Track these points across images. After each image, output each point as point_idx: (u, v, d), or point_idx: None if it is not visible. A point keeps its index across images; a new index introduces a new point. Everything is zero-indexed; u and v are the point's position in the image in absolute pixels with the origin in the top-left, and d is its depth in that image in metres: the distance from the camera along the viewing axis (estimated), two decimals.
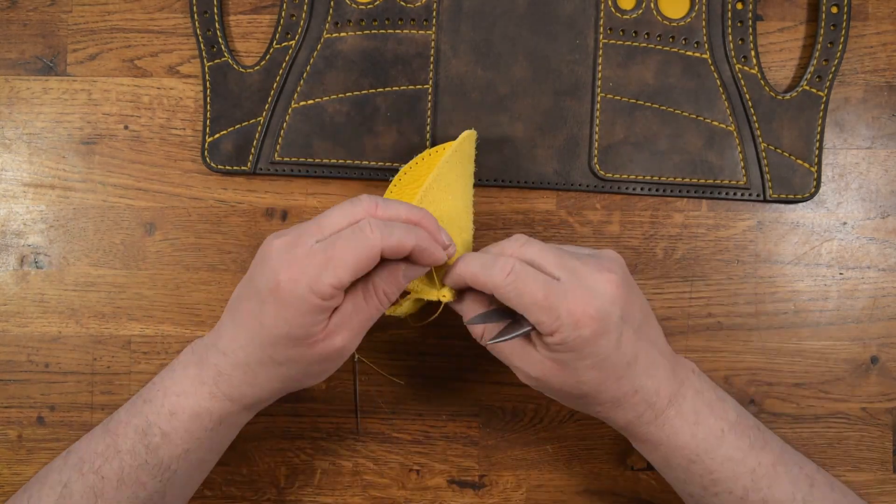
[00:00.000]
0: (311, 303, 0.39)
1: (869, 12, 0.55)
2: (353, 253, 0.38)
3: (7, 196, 0.55)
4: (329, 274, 0.38)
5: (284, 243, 0.40)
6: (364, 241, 0.39)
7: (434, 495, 0.55)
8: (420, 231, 0.41)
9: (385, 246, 0.39)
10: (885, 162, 0.55)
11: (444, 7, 0.54)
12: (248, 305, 0.41)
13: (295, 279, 0.38)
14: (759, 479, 0.42)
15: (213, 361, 0.42)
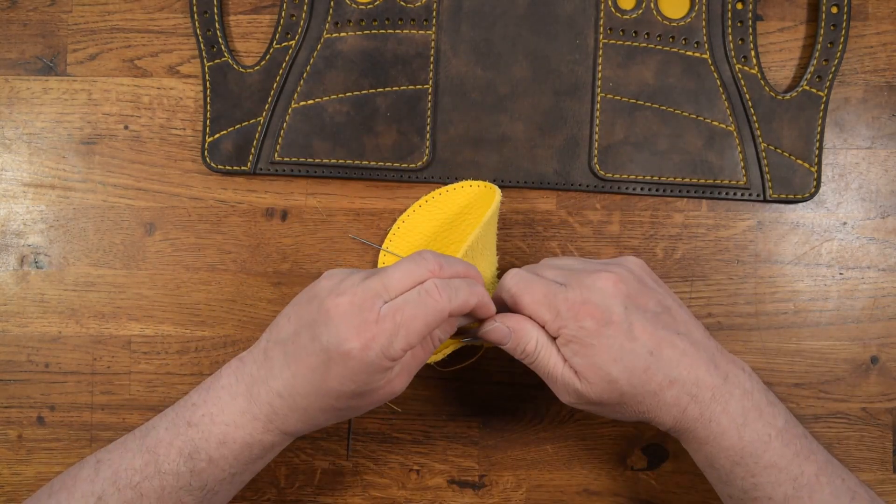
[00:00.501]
0: (382, 366, 0.39)
1: (869, 12, 0.55)
2: (423, 318, 0.39)
3: (7, 196, 0.55)
4: (400, 340, 0.39)
5: (351, 304, 0.39)
6: (433, 307, 0.39)
7: (434, 495, 0.55)
8: (478, 288, 0.42)
9: (453, 308, 0.40)
10: (885, 162, 0.55)
11: (444, 7, 0.54)
12: (309, 360, 0.40)
13: (366, 347, 0.39)
14: (800, 489, 0.42)
15: (266, 400, 0.42)
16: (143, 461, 0.42)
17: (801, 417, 0.54)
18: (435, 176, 0.54)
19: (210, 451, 0.41)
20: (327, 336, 0.39)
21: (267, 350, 0.42)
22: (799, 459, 0.42)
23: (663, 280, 0.54)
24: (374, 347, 0.39)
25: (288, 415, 0.42)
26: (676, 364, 0.42)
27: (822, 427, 0.54)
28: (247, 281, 0.55)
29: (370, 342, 0.39)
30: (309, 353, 0.40)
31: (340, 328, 0.39)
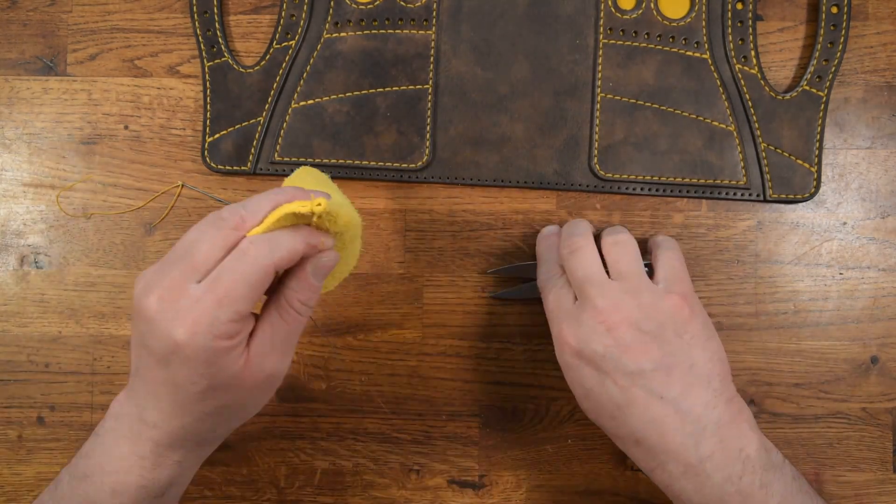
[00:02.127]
0: (217, 347, 0.35)
1: (869, 12, 0.55)
2: (245, 282, 0.35)
3: (7, 196, 0.55)
4: (225, 311, 0.35)
5: (162, 298, 0.36)
6: (252, 265, 0.35)
7: (434, 495, 0.55)
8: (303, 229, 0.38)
9: (276, 261, 0.36)
10: (885, 162, 0.55)
11: (444, 7, 0.54)
12: (154, 372, 0.37)
13: (192, 331, 0.35)
14: None
15: (145, 436, 0.39)
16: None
17: (801, 417, 0.54)
18: (435, 176, 0.54)
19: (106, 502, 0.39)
20: (153, 341, 0.36)
21: (131, 385, 0.40)
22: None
23: None
24: (199, 330, 0.35)
25: (170, 443, 0.39)
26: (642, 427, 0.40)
27: (822, 427, 0.54)
28: None
29: (194, 326, 0.35)
30: (149, 367, 0.37)
31: (160, 326, 0.35)
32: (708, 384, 0.41)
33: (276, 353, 0.39)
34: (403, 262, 0.55)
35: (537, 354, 0.55)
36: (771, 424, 0.54)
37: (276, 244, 0.36)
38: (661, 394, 0.40)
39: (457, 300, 0.55)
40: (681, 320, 0.41)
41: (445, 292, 0.55)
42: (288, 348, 0.39)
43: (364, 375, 0.55)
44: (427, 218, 0.55)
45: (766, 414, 0.54)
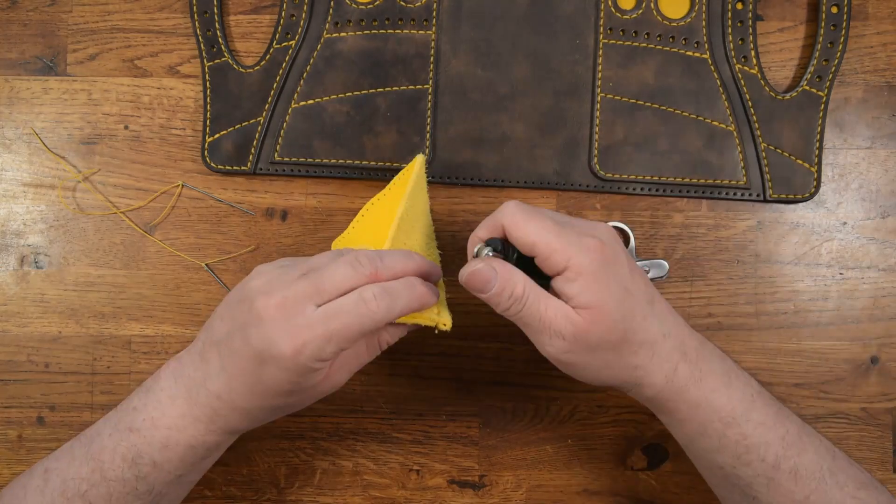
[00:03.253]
0: (315, 367, 0.39)
1: (869, 12, 0.55)
2: (358, 327, 0.38)
3: (7, 196, 0.55)
4: (332, 345, 0.38)
5: (280, 307, 0.38)
6: (370, 317, 0.39)
7: (434, 495, 0.55)
8: (420, 288, 0.41)
9: (391, 318, 0.40)
10: (885, 162, 0.55)
11: (444, 7, 0.54)
12: (242, 363, 0.40)
13: (298, 351, 0.38)
14: (788, 447, 0.42)
15: (206, 402, 0.41)
16: (89, 469, 0.42)
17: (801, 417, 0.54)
18: (435, 176, 0.54)
19: (154, 456, 0.41)
20: (258, 339, 0.38)
21: (203, 352, 0.42)
22: (781, 418, 0.42)
23: (664, 281, 0.54)
24: (306, 352, 0.38)
25: (229, 415, 0.41)
26: (667, 319, 0.42)
27: (822, 427, 0.54)
28: None
29: (301, 347, 0.38)
30: (242, 355, 0.39)
31: (271, 331, 0.38)
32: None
33: (346, 372, 0.43)
34: None
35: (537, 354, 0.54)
36: None
37: (394, 303, 0.39)
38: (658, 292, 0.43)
39: (457, 300, 0.55)
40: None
41: (446, 292, 0.54)
42: (355, 369, 0.43)
43: (364, 375, 0.55)
44: None
45: None
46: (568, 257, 0.39)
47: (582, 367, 0.41)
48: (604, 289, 0.39)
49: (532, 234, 0.40)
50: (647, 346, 0.41)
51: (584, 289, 0.39)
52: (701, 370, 0.42)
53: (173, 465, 0.42)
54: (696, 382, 0.42)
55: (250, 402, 0.41)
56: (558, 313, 0.40)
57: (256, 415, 0.42)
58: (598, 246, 0.40)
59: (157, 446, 0.41)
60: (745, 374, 0.44)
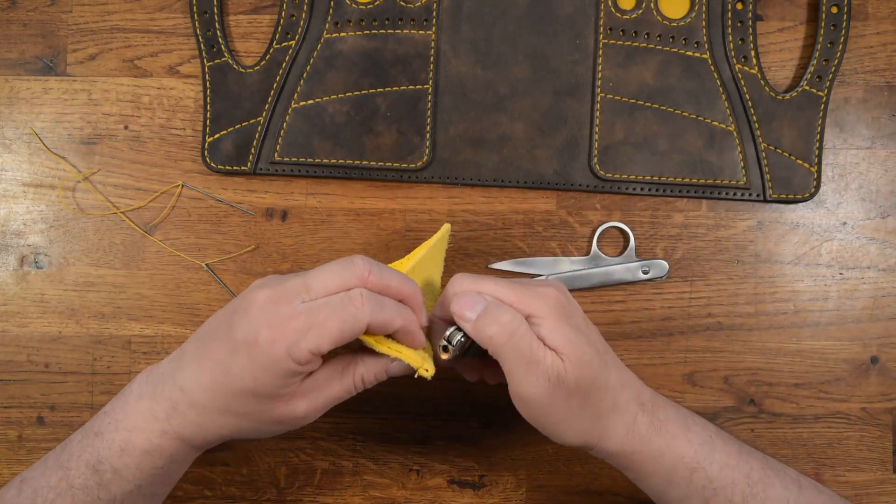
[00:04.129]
0: (286, 366, 0.38)
1: (869, 12, 0.55)
2: (338, 324, 0.37)
3: (7, 196, 0.55)
4: (309, 340, 0.37)
5: (269, 298, 0.38)
6: (352, 314, 0.38)
7: (434, 495, 0.55)
8: (408, 312, 0.40)
9: (372, 322, 0.38)
10: (885, 162, 0.55)
11: (444, 7, 0.54)
12: (218, 349, 0.39)
13: (274, 339, 0.37)
14: (754, 485, 0.42)
15: (168, 395, 0.40)
16: (57, 477, 0.41)
17: (801, 417, 0.54)
18: (435, 176, 0.54)
19: (113, 461, 0.40)
20: (240, 325, 0.38)
21: (184, 346, 0.42)
22: (744, 456, 0.43)
23: (663, 280, 0.54)
24: (281, 342, 0.37)
25: (185, 412, 0.40)
26: (622, 370, 0.42)
27: (822, 427, 0.54)
28: (247, 281, 0.55)
29: (278, 336, 0.37)
30: (220, 342, 0.39)
31: (254, 318, 0.38)
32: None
33: (314, 402, 0.41)
34: None
35: None
36: (771, 424, 0.54)
37: (381, 309, 0.38)
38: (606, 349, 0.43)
39: None
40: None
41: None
42: (325, 406, 0.41)
43: None
44: (427, 218, 0.55)
45: (766, 414, 0.54)
46: (527, 304, 0.40)
47: (555, 417, 0.40)
48: (570, 330, 0.40)
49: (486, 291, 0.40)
50: (610, 394, 0.41)
51: (552, 330, 0.39)
52: (659, 419, 0.42)
53: (132, 473, 0.41)
54: (656, 431, 0.42)
55: (209, 398, 0.39)
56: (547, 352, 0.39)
57: (213, 417, 0.40)
58: (554, 294, 0.41)
59: (116, 451, 0.40)
60: (699, 417, 0.44)
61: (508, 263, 0.54)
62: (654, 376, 0.54)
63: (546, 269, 0.54)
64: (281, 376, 0.38)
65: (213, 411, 0.40)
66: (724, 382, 0.54)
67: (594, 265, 0.54)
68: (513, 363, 0.39)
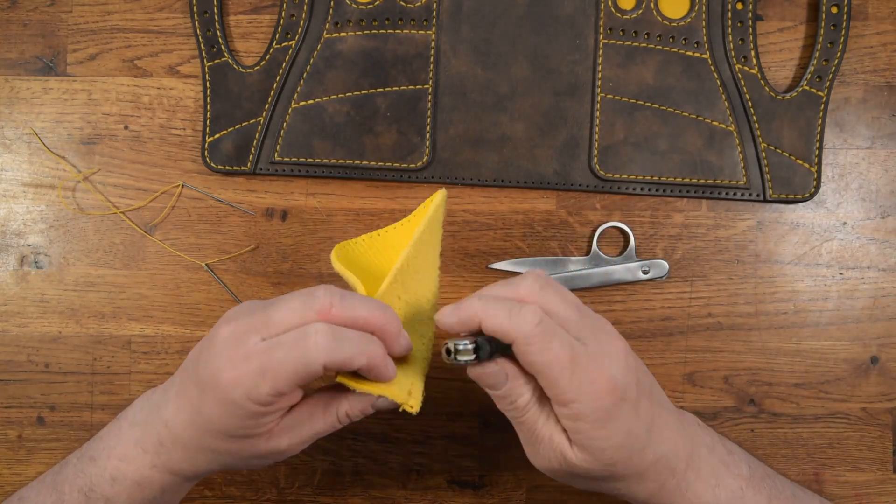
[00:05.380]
0: (249, 409, 0.36)
1: (869, 12, 0.55)
2: (291, 365, 0.34)
3: (7, 196, 0.55)
4: (266, 385, 0.35)
5: (230, 334, 0.36)
6: (304, 355, 0.34)
7: (434, 495, 0.55)
8: (374, 346, 0.36)
9: (329, 362, 0.35)
10: (885, 162, 0.55)
11: (444, 7, 0.54)
12: (190, 388, 0.38)
13: (233, 383, 0.35)
14: None
15: (155, 429, 0.39)
16: (51, 500, 0.40)
17: (801, 417, 0.54)
18: (435, 176, 0.54)
19: (104, 490, 0.40)
20: (204, 365, 0.36)
21: (173, 378, 0.41)
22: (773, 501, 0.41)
23: (663, 280, 0.54)
24: (239, 386, 0.35)
25: (171, 448, 0.39)
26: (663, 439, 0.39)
27: (822, 427, 0.54)
28: (247, 281, 0.55)
29: (237, 379, 0.35)
30: (191, 380, 0.38)
31: (215, 358, 0.36)
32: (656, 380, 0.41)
33: (297, 437, 0.39)
34: None
35: None
36: (771, 424, 0.54)
37: (339, 346, 0.35)
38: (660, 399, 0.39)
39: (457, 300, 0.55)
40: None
41: (445, 292, 0.55)
42: (308, 440, 0.40)
43: None
44: None
45: (766, 414, 0.54)
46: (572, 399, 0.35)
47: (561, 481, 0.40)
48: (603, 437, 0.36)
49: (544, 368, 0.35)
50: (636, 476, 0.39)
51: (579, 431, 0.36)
52: (688, 480, 0.39)
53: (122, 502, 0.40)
54: (681, 493, 0.39)
55: (190, 436, 0.38)
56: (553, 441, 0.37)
57: (195, 455, 0.39)
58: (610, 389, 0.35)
59: (107, 479, 0.40)
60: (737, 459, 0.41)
61: (508, 263, 0.54)
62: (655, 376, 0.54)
63: (546, 269, 0.54)
64: (248, 418, 0.36)
65: (194, 449, 0.39)
66: (724, 382, 0.54)
67: (594, 265, 0.54)
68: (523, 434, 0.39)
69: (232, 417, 0.36)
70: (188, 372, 0.39)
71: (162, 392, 0.41)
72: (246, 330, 0.36)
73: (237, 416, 0.36)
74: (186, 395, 0.38)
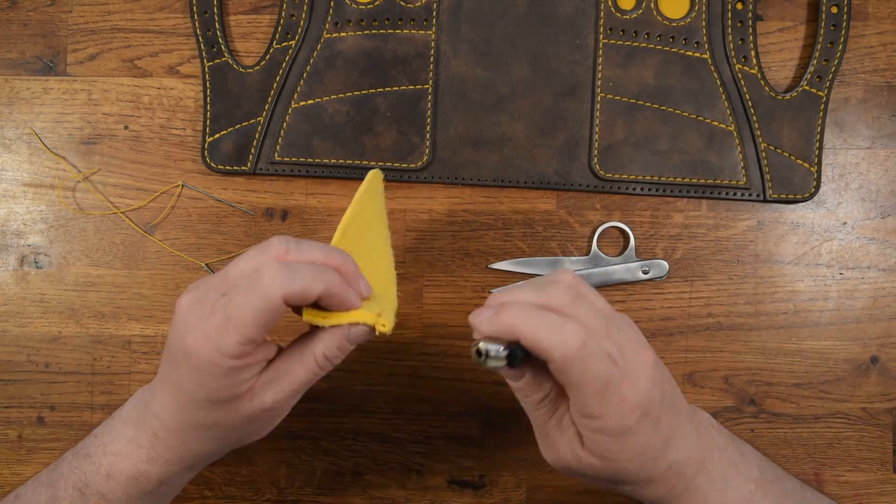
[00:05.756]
0: (223, 365, 0.35)
1: (869, 12, 0.55)
2: (251, 305, 0.34)
3: (7, 196, 0.55)
4: (231, 332, 0.34)
5: (191, 301, 0.36)
6: (262, 291, 0.34)
7: (434, 495, 0.55)
8: (330, 274, 0.36)
9: (287, 293, 0.34)
10: (885, 162, 0.55)
11: (444, 7, 0.54)
12: (167, 367, 0.38)
13: (200, 342, 0.35)
14: None
15: (148, 424, 0.39)
16: (46, 497, 0.40)
17: (801, 417, 0.54)
18: (435, 176, 0.54)
19: (99, 485, 0.39)
20: (172, 338, 0.37)
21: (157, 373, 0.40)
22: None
23: (663, 281, 0.54)
24: (207, 343, 0.35)
25: (166, 437, 0.39)
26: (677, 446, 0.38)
27: (822, 427, 0.54)
28: None
29: (202, 338, 0.35)
30: (166, 359, 0.38)
31: (180, 326, 0.36)
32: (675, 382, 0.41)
33: (280, 391, 0.38)
34: (403, 262, 0.55)
35: None
36: (771, 424, 0.54)
37: (294, 277, 0.35)
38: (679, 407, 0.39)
39: (457, 300, 0.55)
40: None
41: (445, 292, 0.55)
42: (293, 392, 0.38)
43: (364, 375, 0.55)
44: (427, 218, 0.55)
45: (766, 414, 0.54)
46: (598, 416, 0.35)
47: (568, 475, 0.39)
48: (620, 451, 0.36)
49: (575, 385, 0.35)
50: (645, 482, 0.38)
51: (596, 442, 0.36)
52: (697, 484, 0.39)
53: (117, 498, 0.40)
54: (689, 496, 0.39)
55: (179, 419, 0.38)
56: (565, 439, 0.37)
57: (188, 437, 0.39)
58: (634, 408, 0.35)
59: (102, 475, 0.40)
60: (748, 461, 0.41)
61: (508, 263, 0.54)
62: None
63: (546, 269, 0.54)
64: (225, 376, 0.36)
65: (187, 431, 0.38)
66: (724, 382, 0.54)
67: (594, 265, 0.54)
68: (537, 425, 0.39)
69: (209, 378, 0.36)
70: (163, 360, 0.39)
71: (150, 388, 0.41)
72: (205, 291, 0.36)
73: (214, 377, 0.36)
74: (166, 377, 0.38)
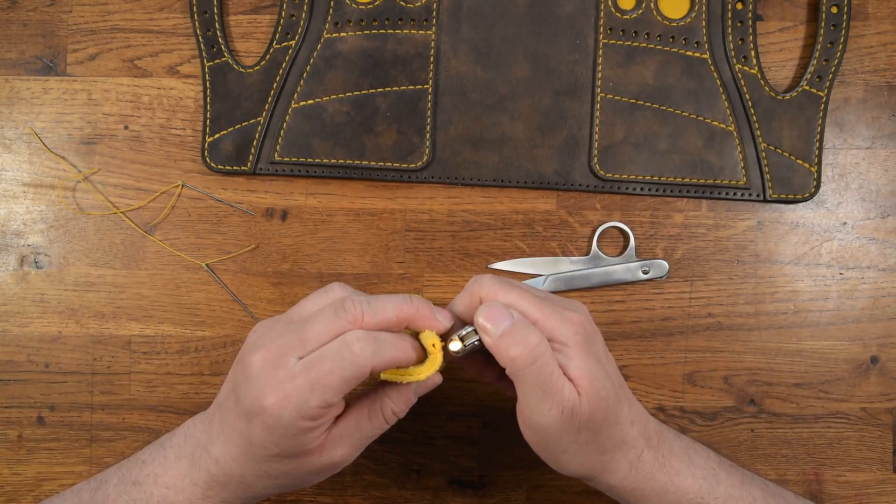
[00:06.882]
0: (300, 426, 0.37)
1: (869, 12, 0.55)
2: (340, 375, 0.36)
3: (7, 196, 0.55)
4: (315, 397, 0.36)
5: (265, 361, 0.37)
6: (352, 362, 0.36)
7: (434, 495, 0.55)
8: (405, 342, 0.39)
9: (375, 364, 0.37)
10: (885, 162, 0.55)
11: (444, 7, 0.54)
12: (235, 420, 0.39)
13: (280, 405, 0.36)
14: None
15: (205, 466, 0.40)
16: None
17: (801, 417, 0.54)
18: (435, 176, 0.54)
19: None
20: (244, 396, 0.38)
21: (211, 414, 0.41)
22: (746, 486, 0.42)
23: (663, 280, 0.54)
24: (287, 406, 0.36)
25: (226, 483, 0.40)
26: (633, 404, 0.41)
27: (822, 427, 0.54)
28: (247, 281, 0.55)
29: (283, 400, 0.36)
30: (235, 414, 0.39)
31: (255, 386, 0.37)
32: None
33: (349, 446, 0.40)
34: (403, 262, 0.55)
35: None
36: (771, 424, 0.54)
37: (381, 348, 0.37)
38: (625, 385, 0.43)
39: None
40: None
41: (445, 292, 0.55)
42: (361, 445, 0.41)
43: None
44: (427, 218, 0.55)
45: (766, 414, 0.54)
46: (551, 327, 0.38)
47: (560, 447, 0.40)
48: (592, 363, 0.38)
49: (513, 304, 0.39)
50: (619, 430, 0.40)
51: (574, 360, 0.38)
52: (663, 454, 0.41)
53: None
54: (660, 468, 0.41)
55: (244, 468, 0.39)
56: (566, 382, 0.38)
57: (252, 484, 0.40)
58: (580, 320, 0.39)
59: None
60: (702, 446, 0.44)
61: (508, 263, 0.54)
62: (654, 376, 0.54)
63: (546, 269, 0.54)
64: (298, 435, 0.37)
65: (251, 479, 0.40)
66: (724, 382, 0.54)
67: (594, 265, 0.54)
68: (529, 388, 0.38)
69: (282, 438, 0.37)
70: (228, 406, 0.40)
71: (203, 428, 0.41)
72: (280, 353, 0.37)
73: (287, 436, 0.37)
74: (233, 429, 0.39)
